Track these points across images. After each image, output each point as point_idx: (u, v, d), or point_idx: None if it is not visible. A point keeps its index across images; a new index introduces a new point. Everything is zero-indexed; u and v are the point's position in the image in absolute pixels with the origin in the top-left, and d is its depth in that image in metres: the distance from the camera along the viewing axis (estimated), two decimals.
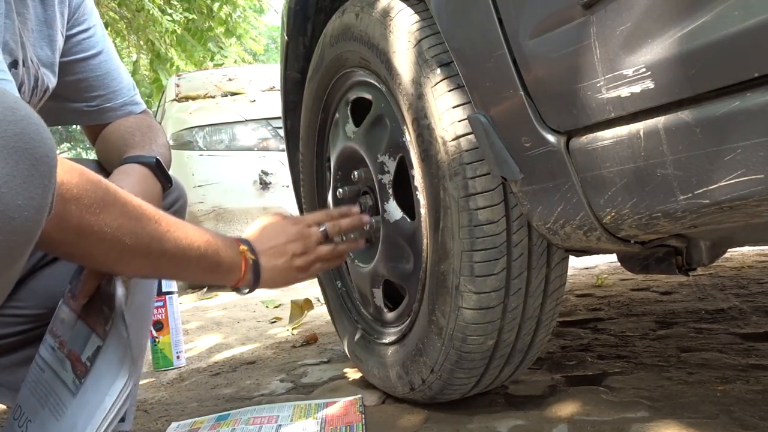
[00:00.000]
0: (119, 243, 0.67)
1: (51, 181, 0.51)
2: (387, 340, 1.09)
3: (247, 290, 0.88)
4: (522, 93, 0.69)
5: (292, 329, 1.96)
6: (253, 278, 0.85)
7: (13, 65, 0.79)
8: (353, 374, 1.31)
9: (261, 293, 3.10)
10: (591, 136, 0.63)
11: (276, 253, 0.88)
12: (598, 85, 0.59)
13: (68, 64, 0.96)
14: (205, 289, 3.56)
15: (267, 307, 2.60)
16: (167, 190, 0.96)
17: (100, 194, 0.64)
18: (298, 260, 0.90)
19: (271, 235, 0.90)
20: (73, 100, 1.00)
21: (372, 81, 1.05)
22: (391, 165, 1.00)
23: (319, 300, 2.23)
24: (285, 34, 1.31)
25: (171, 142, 2.55)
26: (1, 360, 0.95)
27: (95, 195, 0.63)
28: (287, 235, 0.91)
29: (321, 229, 0.95)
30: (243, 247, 0.85)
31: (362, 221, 1.02)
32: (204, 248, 0.77)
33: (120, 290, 0.73)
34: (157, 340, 1.63)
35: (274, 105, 3.57)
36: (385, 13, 0.93)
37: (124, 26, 8.20)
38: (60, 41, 0.92)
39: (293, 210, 1.78)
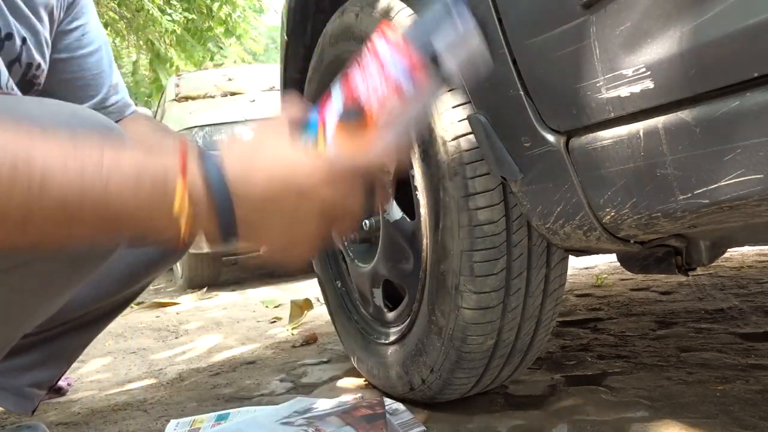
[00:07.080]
0: None
1: None
2: (387, 340, 1.09)
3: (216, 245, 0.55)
4: (522, 93, 0.68)
5: (292, 329, 1.96)
6: (221, 230, 0.53)
7: (7, 37, 0.78)
8: (353, 374, 1.31)
9: (261, 294, 3.11)
10: (591, 136, 0.63)
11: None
12: (598, 85, 0.59)
13: (65, 61, 0.95)
14: (204, 289, 3.56)
15: (267, 307, 2.60)
16: None
17: None
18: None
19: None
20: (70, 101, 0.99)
21: None
22: (391, 165, 1.00)
23: (319, 300, 2.22)
24: (285, 34, 1.30)
25: None
26: (7, 363, 0.95)
27: None
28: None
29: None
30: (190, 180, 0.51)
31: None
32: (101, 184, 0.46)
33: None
34: None
35: (274, 105, 3.57)
36: (385, 13, 0.93)
37: (124, 26, 8.22)
38: (47, 27, 0.91)
39: None
